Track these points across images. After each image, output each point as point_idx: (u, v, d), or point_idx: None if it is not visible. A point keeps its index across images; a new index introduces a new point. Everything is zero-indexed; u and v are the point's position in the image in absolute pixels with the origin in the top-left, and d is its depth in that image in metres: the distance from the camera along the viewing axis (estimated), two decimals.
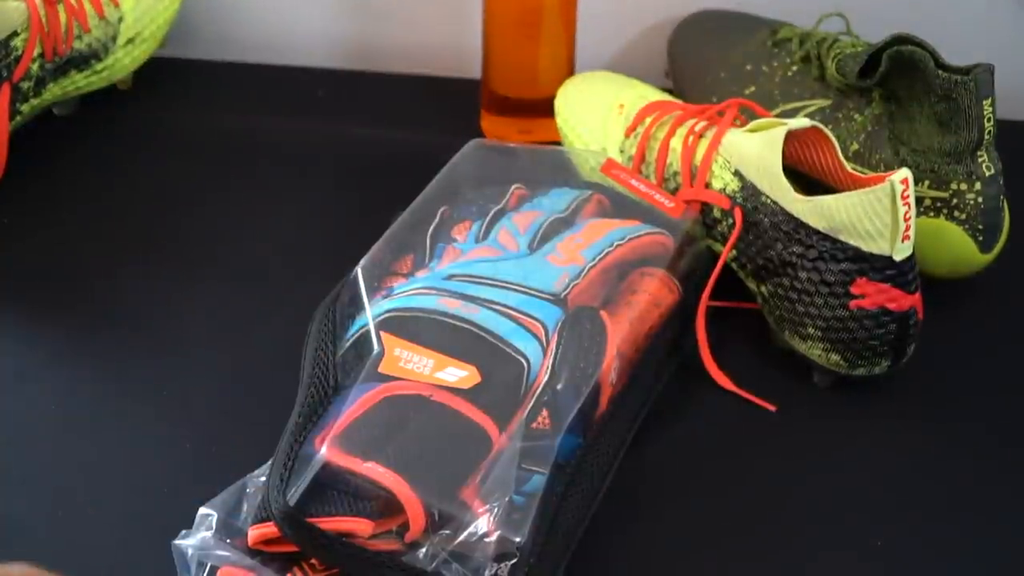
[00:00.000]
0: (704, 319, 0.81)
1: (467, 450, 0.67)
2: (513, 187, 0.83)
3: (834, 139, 0.79)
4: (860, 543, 0.72)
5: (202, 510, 0.66)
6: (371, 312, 0.72)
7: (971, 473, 0.77)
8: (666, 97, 0.92)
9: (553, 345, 0.71)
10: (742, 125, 0.84)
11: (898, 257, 0.75)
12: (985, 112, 0.82)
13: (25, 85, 0.95)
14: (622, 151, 0.89)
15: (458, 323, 0.71)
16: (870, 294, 0.76)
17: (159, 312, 0.86)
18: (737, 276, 0.84)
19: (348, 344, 0.72)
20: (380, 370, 0.69)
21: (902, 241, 0.75)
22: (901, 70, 0.84)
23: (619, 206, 0.84)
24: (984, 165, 0.84)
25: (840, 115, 0.90)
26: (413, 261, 0.78)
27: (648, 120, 0.88)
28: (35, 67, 0.95)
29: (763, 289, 0.82)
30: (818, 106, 0.91)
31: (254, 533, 0.64)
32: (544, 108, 0.98)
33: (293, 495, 0.63)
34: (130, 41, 1.02)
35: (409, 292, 0.74)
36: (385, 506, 0.64)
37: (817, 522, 0.73)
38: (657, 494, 0.75)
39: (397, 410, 0.67)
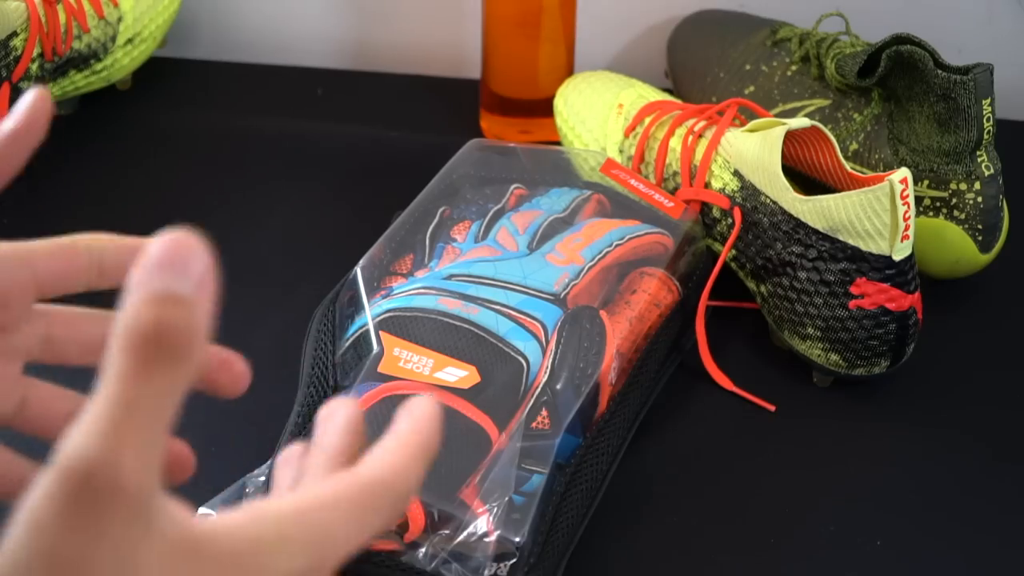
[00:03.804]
0: (704, 319, 0.81)
1: (467, 450, 0.67)
2: (513, 187, 0.83)
3: (833, 139, 0.79)
4: (860, 542, 0.72)
5: (202, 510, 0.66)
6: (370, 312, 0.72)
7: (971, 473, 0.77)
8: (666, 97, 0.92)
9: (552, 345, 0.71)
10: (741, 125, 0.84)
11: (897, 257, 0.75)
12: (984, 112, 0.82)
13: (24, 85, 0.95)
14: (621, 151, 0.89)
15: (458, 323, 0.71)
16: (869, 294, 0.76)
17: None
18: (737, 276, 0.84)
19: (348, 344, 0.72)
20: (380, 370, 0.69)
21: (901, 241, 0.75)
22: (900, 70, 0.84)
23: (619, 206, 0.84)
24: (984, 165, 0.84)
25: (839, 115, 0.90)
26: (412, 261, 0.78)
27: (647, 120, 0.88)
28: (34, 67, 0.95)
29: (762, 289, 0.82)
30: (817, 106, 0.91)
31: None
32: (544, 108, 0.98)
33: None
34: (129, 41, 1.02)
35: (408, 292, 0.74)
36: None
37: (817, 522, 0.73)
38: (657, 494, 0.75)
39: (396, 410, 0.67)
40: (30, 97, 0.47)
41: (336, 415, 0.43)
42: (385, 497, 0.39)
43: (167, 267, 0.35)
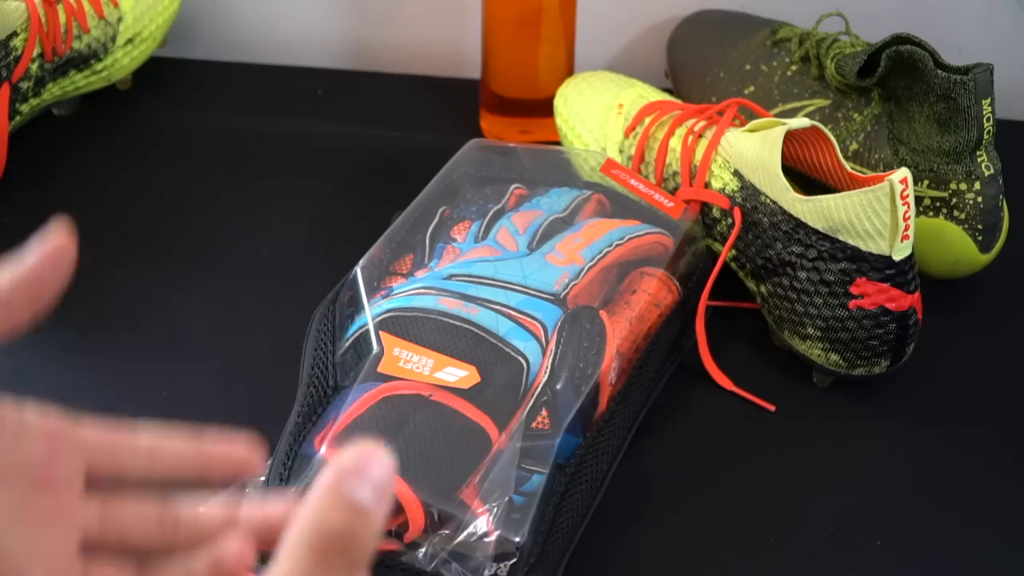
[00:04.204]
0: (704, 319, 0.81)
1: (467, 450, 0.67)
2: (513, 187, 0.83)
3: (833, 139, 0.79)
4: (860, 543, 0.72)
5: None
6: (370, 312, 0.72)
7: (970, 473, 0.77)
8: (666, 97, 0.92)
9: (552, 345, 0.71)
10: (741, 125, 0.84)
11: (897, 257, 0.75)
12: (984, 112, 0.82)
13: (24, 85, 0.95)
14: (621, 151, 0.89)
15: (458, 323, 0.71)
16: (869, 294, 0.76)
17: (159, 312, 0.86)
18: (737, 276, 0.84)
19: (347, 344, 0.72)
20: (380, 370, 0.69)
21: (901, 241, 0.75)
22: (900, 70, 0.84)
23: (619, 206, 0.84)
24: (983, 165, 0.84)
25: (839, 115, 0.90)
26: (412, 261, 0.78)
27: (647, 120, 0.88)
28: (34, 67, 0.95)
29: (762, 289, 0.82)
30: (817, 106, 0.91)
31: None
32: (544, 108, 0.98)
33: (293, 495, 0.63)
34: (129, 41, 1.02)
35: (408, 292, 0.74)
36: None
37: (817, 522, 0.73)
38: (657, 494, 0.75)
39: (397, 410, 0.67)
40: (49, 238, 0.48)
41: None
42: (347, 539, 0.39)
43: (358, 476, 0.37)
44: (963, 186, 0.84)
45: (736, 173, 0.81)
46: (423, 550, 0.64)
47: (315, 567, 0.36)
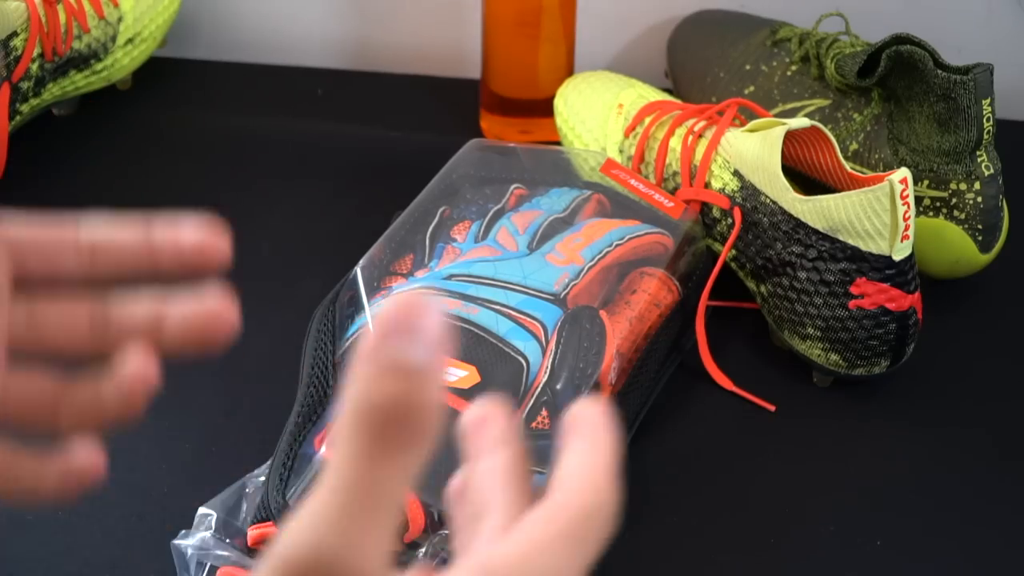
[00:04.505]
0: (704, 319, 0.81)
1: None
2: (513, 187, 0.83)
3: (833, 139, 0.79)
4: (860, 542, 0.72)
5: (201, 510, 0.66)
6: (370, 312, 0.72)
7: (970, 473, 0.77)
8: (665, 97, 0.92)
9: (552, 345, 0.71)
10: (741, 125, 0.84)
11: (897, 257, 0.75)
12: (984, 112, 0.82)
13: (25, 85, 0.95)
14: (621, 151, 0.89)
15: (458, 323, 0.71)
16: (869, 294, 0.76)
17: None
18: (737, 276, 0.84)
19: (348, 344, 0.72)
20: None
21: (901, 241, 0.75)
22: (900, 70, 0.84)
23: (619, 206, 0.84)
24: (983, 165, 0.84)
25: (839, 115, 0.90)
26: (412, 261, 0.78)
27: (647, 120, 0.88)
28: (35, 67, 0.95)
29: (762, 289, 0.82)
30: (817, 106, 0.91)
31: (254, 533, 0.64)
32: (544, 108, 0.98)
33: (293, 495, 0.63)
34: (129, 41, 1.02)
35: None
36: None
37: (816, 522, 0.73)
38: (657, 494, 0.75)
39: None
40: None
41: (491, 427, 0.38)
42: (597, 523, 0.36)
43: (400, 334, 0.31)
44: (963, 186, 0.84)
45: (736, 173, 0.81)
46: (423, 550, 0.64)
47: (370, 450, 0.31)
